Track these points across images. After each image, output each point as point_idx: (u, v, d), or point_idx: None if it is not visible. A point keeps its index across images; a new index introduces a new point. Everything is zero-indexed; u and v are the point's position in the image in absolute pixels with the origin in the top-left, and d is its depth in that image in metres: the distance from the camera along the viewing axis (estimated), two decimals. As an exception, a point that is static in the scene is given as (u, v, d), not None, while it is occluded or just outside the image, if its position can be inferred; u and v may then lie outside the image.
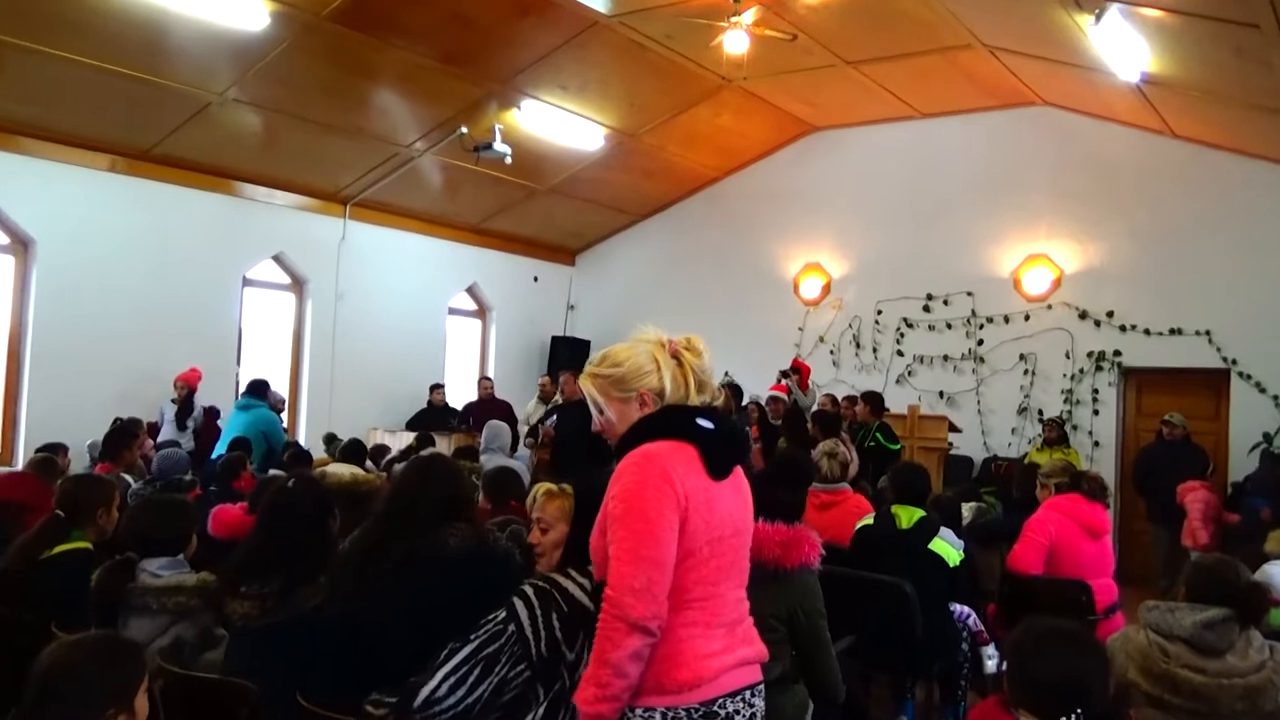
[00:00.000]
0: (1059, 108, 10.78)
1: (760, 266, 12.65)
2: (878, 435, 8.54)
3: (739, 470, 2.49)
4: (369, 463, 8.00)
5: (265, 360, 11.00)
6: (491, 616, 2.64)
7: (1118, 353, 10.48)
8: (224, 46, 8.33)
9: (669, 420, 2.45)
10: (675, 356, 2.57)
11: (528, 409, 10.85)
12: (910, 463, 5.64)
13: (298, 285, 11.23)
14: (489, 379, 12.06)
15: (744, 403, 9.70)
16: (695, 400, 2.53)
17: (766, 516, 3.70)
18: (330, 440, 9.37)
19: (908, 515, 4.97)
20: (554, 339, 13.62)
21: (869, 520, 5.13)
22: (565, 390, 9.44)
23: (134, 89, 8.51)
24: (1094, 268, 10.67)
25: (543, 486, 3.36)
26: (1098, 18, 7.12)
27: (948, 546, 4.90)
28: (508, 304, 13.37)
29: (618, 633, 2.21)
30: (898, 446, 8.59)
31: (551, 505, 3.22)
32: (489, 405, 11.32)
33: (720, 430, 2.44)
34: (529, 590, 2.69)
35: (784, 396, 9.74)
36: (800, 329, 12.33)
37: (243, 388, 9.38)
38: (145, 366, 9.44)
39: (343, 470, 5.98)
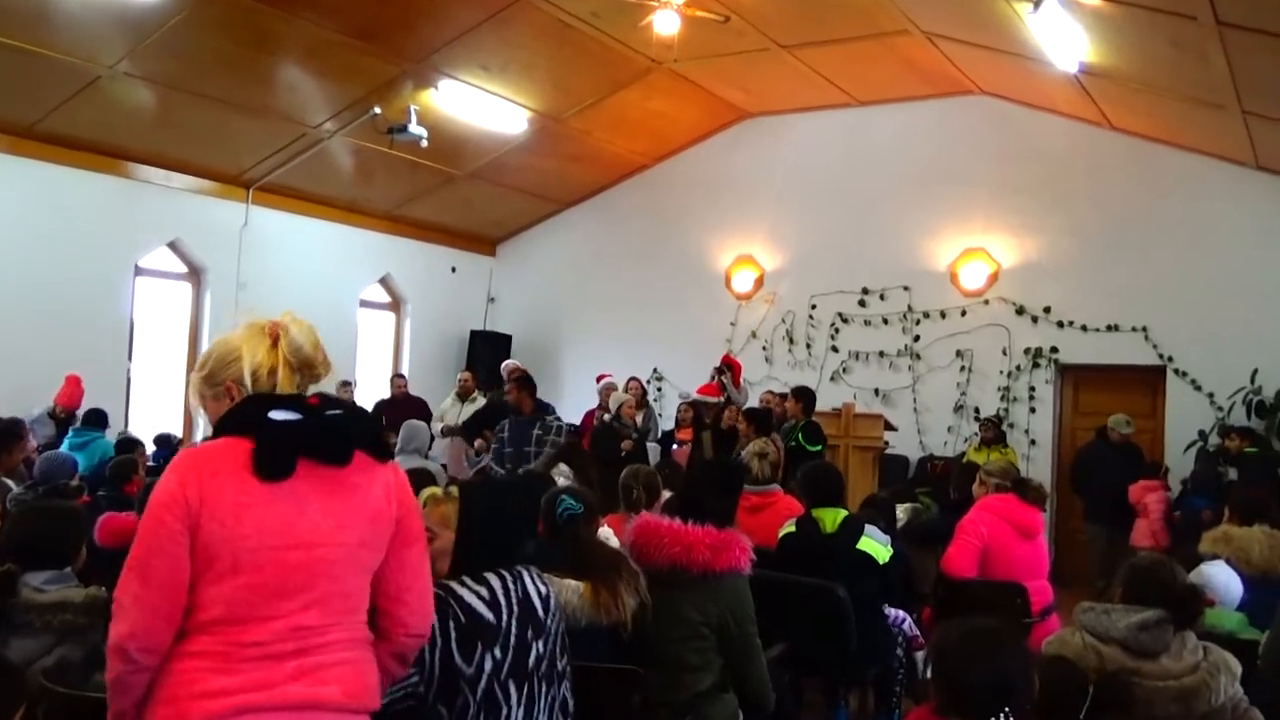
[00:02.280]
0: (997, 97, 11.00)
1: (691, 259, 12.71)
2: (798, 435, 8.61)
3: (346, 472, 2.20)
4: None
5: (159, 355, 10.74)
6: None
7: (1055, 349, 10.73)
8: (115, 16, 8.10)
9: (237, 413, 2.21)
10: (274, 338, 2.33)
11: (443, 405, 10.77)
12: (818, 463, 5.67)
13: (195, 274, 10.99)
14: (403, 376, 11.94)
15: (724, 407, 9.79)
16: (291, 387, 2.28)
17: (695, 519, 3.73)
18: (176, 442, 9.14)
19: (830, 518, 5.02)
20: (473, 333, 13.54)
21: (790, 528, 5.16)
22: (630, 411, 9.60)
23: (15, 60, 8.23)
24: (1032, 262, 10.91)
25: (428, 491, 3.35)
26: (1036, 5, 7.25)
27: (875, 544, 4.94)
28: (424, 296, 13.26)
29: (109, 654, 2.04)
30: (818, 448, 8.63)
31: (435, 511, 3.19)
32: (403, 404, 11.20)
33: (303, 423, 2.17)
34: None
35: (711, 400, 9.78)
36: (732, 324, 12.41)
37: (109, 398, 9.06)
38: (27, 362, 9.14)
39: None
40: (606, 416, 9.65)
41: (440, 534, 3.10)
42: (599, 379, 10.64)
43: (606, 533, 4.38)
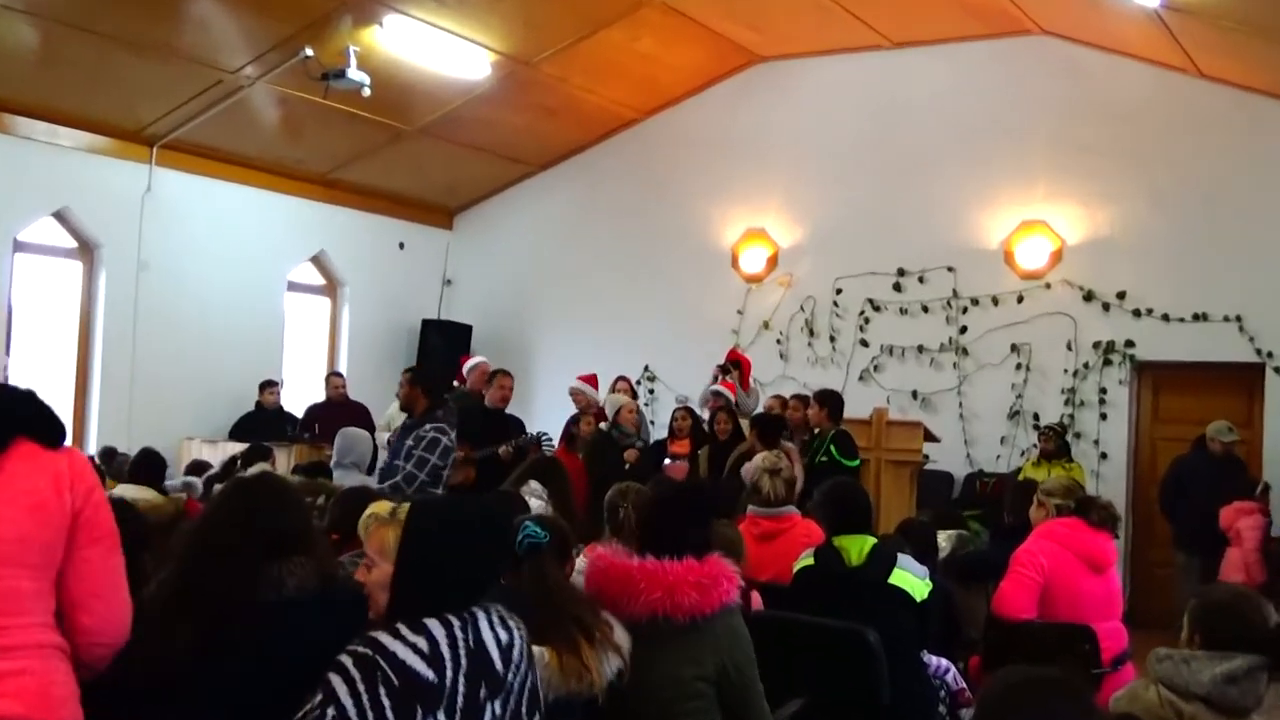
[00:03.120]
0: (1062, 38, 11.03)
1: (690, 234, 12.74)
2: (831, 448, 8.64)
3: (2, 460, 2.33)
4: (182, 480, 7.85)
5: (43, 346, 10.73)
6: (308, 704, 2.63)
7: (1130, 343, 10.78)
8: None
9: None
10: None
11: (389, 412, 10.72)
12: (840, 480, 5.66)
13: (87, 251, 10.97)
14: (340, 375, 11.94)
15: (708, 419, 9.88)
16: None
17: (670, 552, 3.73)
18: (109, 456, 9.10)
19: (856, 547, 5.00)
20: (425, 323, 13.55)
21: (808, 560, 5.15)
22: (631, 417, 9.67)
23: None
24: (1102, 238, 10.96)
25: (375, 508, 3.34)
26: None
27: (910, 577, 4.90)
28: (365, 278, 13.28)
29: None
30: (855, 464, 8.67)
31: (375, 536, 3.17)
32: (340, 408, 11.20)
33: None
34: (348, 662, 2.66)
35: (729, 394, 9.85)
36: (740, 312, 12.44)
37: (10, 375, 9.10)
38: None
39: (124, 495, 5.85)
40: (604, 425, 9.70)
41: (378, 564, 3.10)
42: (576, 392, 10.53)
43: (581, 565, 4.38)
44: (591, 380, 10.52)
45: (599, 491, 6.67)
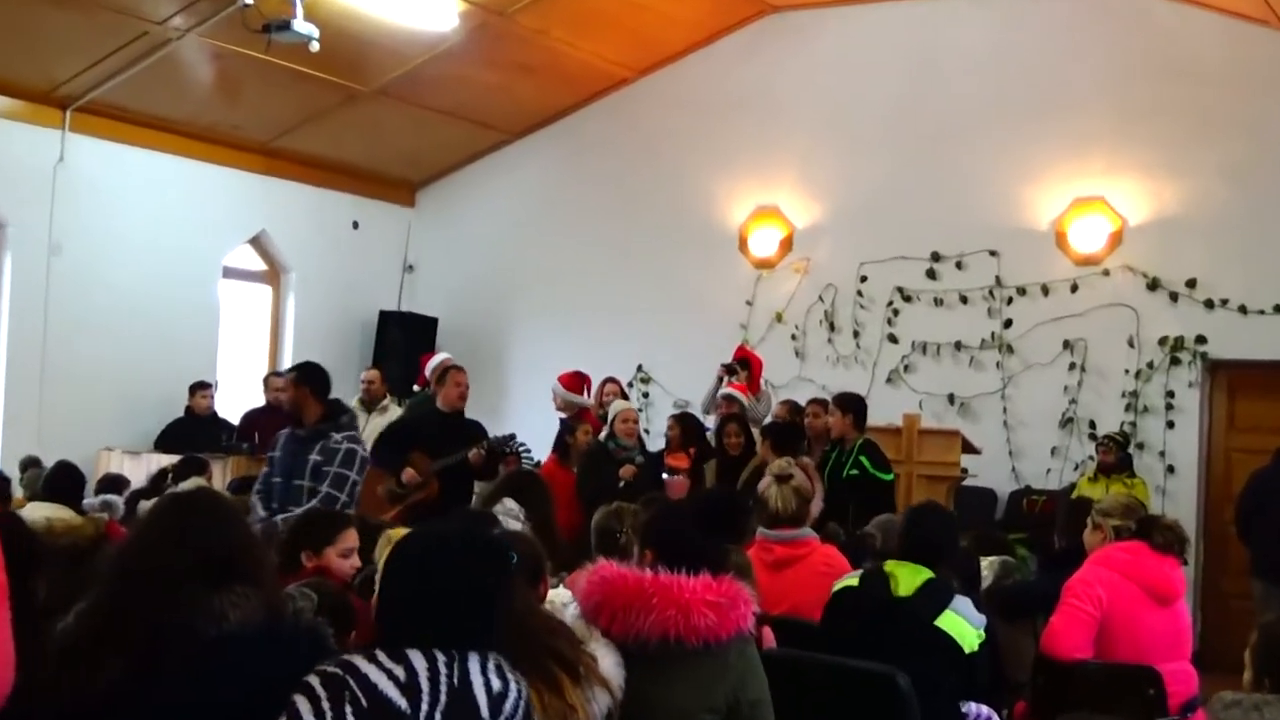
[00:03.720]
0: (1122, -17, 11.11)
1: (691, 212, 12.76)
2: (862, 459, 8.64)
3: None
4: (101, 499, 7.82)
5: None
6: None
7: (1201, 339, 10.81)
8: None
9: None
10: None
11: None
12: (933, 504, 5.69)
13: (-11, 231, 10.99)
14: (283, 375, 11.86)
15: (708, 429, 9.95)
16: None
17: (686, 566, 3.77)
18: (29, 466, 9.10)
19: (909, 576, 5.01)
20: (384, 315, 13.57)
21: (852, 581, 5.18)
22: (626, 426, 9.66)
23: None
24: (1170, 217, 10.99)
25: (392, 534, 3.35)
26: None
27: (963, 624, 4.89)
28: (313, 263, 13.29)
29: None
30: (890, 477, 8.69)
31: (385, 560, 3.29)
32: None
33: None
34: (315, 681, 2.81)
35: (742, 397, 9.86)
36: (749, 303, 12.49)
37: None
38: None
39: (39, 514, 5.86)
40: (602, 436, 9.70)
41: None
42: (571, 386, 10.56)
43: (563, 597, 4.40)
44: (575, 380, 10.50)
45: (590, 514, 6.71)
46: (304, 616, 3.27)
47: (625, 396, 10.91)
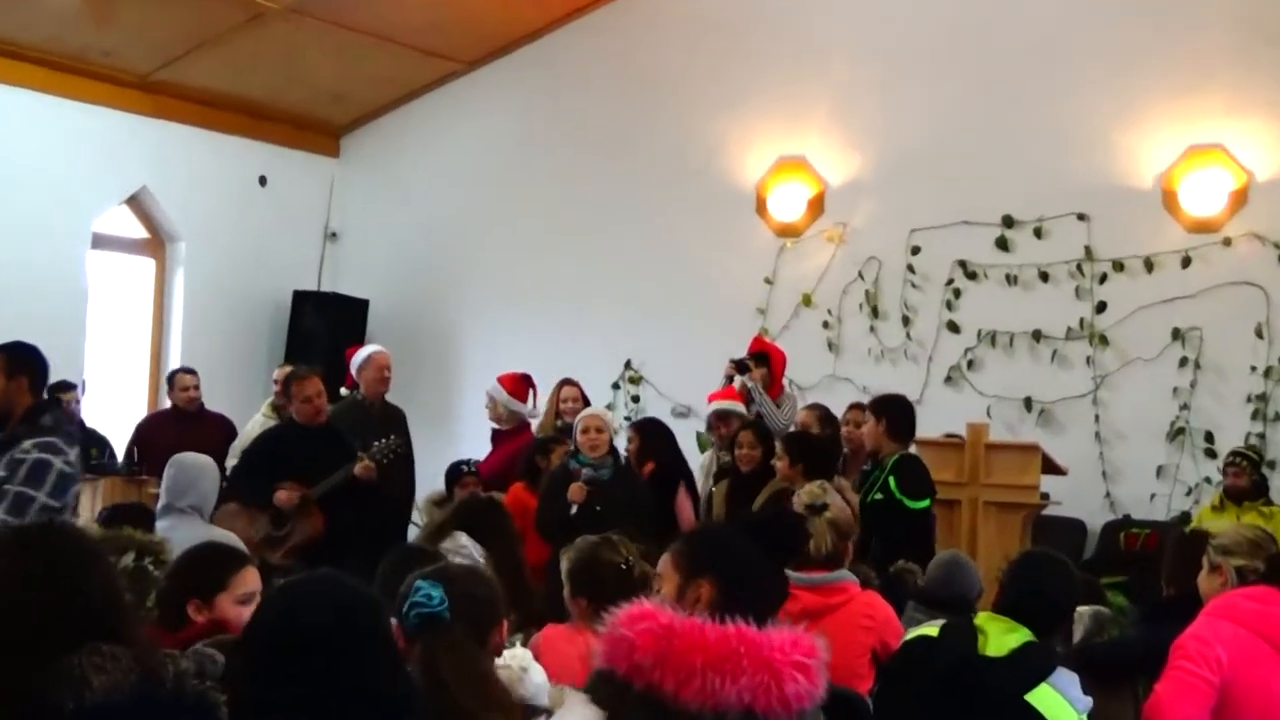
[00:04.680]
0: None
1: (696, 164, 12.75)
2: (890, 481, 8.57)
3: None
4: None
5: None
6: None
7: (1351, 327, 10.86)
8: None
9: None
10: None
11: (248, 428, 10.71)
12: (1051, 555, 5.61)
13: None
14: (192, 373, 11.72)
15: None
16: None
17: (750, 612, 3.66)
18: None
19: (1002, 634, 4.99)
20: (300, 297, 13.60)
21: (929, 630, 5.17)
22: (587, 438, 9.52)
23: None
24: (1308, 171, 11.01)
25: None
26: None
27: (1061, 704, 4.87)
28: (209, 229, 13.27)
29: None
30: (922, 504, 8.58)
31: None
32: (193, 423, 11.09)
33: None
34: None
35: (738, 409, 9.81)
36: (768, 281, 12.47)
37: None
38: None
39: None
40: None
41: None
42: (516, 392, 10.51)
43: (522, 658, 4.38)
44: (521, 384, 10.51)
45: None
46: (188, 681, 3.23)
47: (588, 402, 10.79)
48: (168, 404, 11.91)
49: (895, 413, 8.88)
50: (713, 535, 4.11)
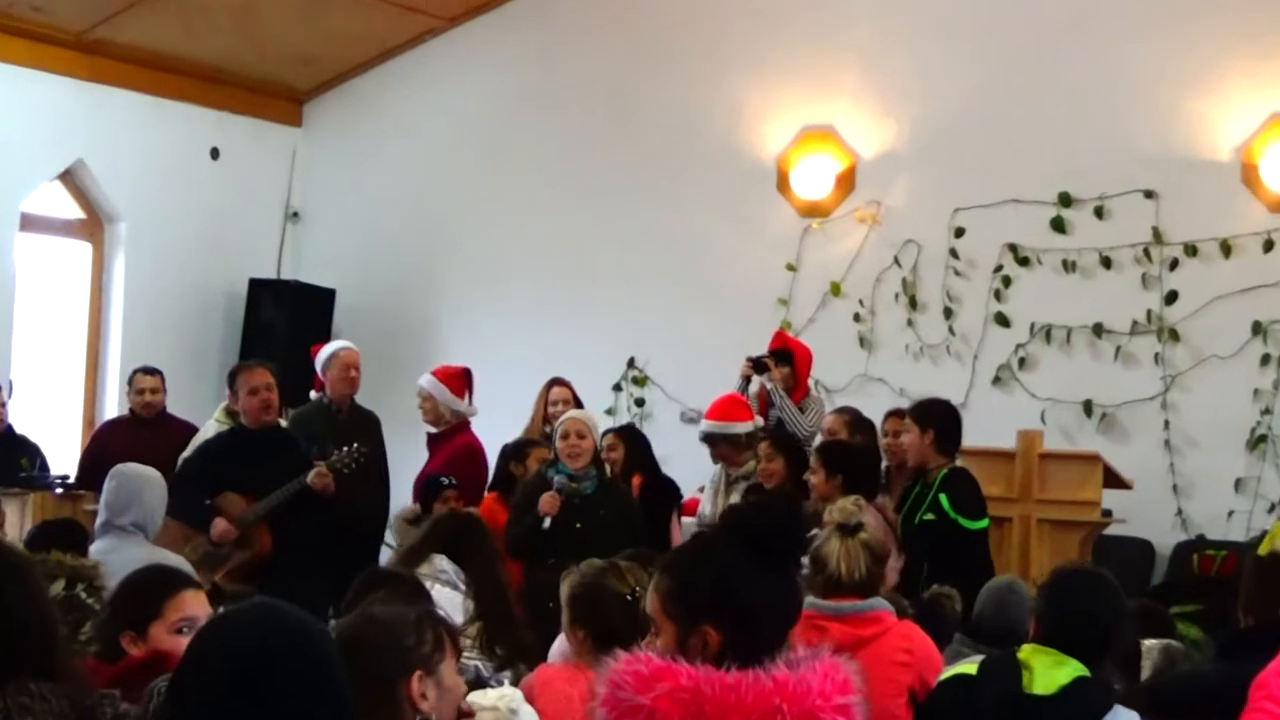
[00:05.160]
0: None
1: (708, 134, 12.74)
2: (941, 498, 8.55)
3: None
4: None
5: None
6: None
7: None
8: None
9: None
10: None
11: (201, 434, 10.67)
12: (1091, 571, 5.56)
13: None
14: (155, 373, 11.66)
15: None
16: None
17: (748, 643, 3.59)
18: None
19: (1049, 669, 4.97)
20: (257, 286, 13.59)
21: (968, 668, 5.16)
22: (567, 444, 9.46)
23: None
24: None
25: None
26: None
27: None
28: (153, 209, 13.24)
29: None
30: (979, 525, 8.58)
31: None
32: (152, 430, 11.10)
33: None
34: None
35: (732, 430, 9.72)
36: (791, 267, 12.44)
37: None
38: None
39: None
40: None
41: None
42: (455, 387, 10.47)
43: (511, 698, 4.36)
44: (457, 378, 10.46)
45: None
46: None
47: (579, 404, 10.73)
48: (117, 409, 11.88)
49: (943, 421, 8.83)
50: (703, 566, 3.98)
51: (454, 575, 6.17)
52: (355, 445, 9.30)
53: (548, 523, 8.63)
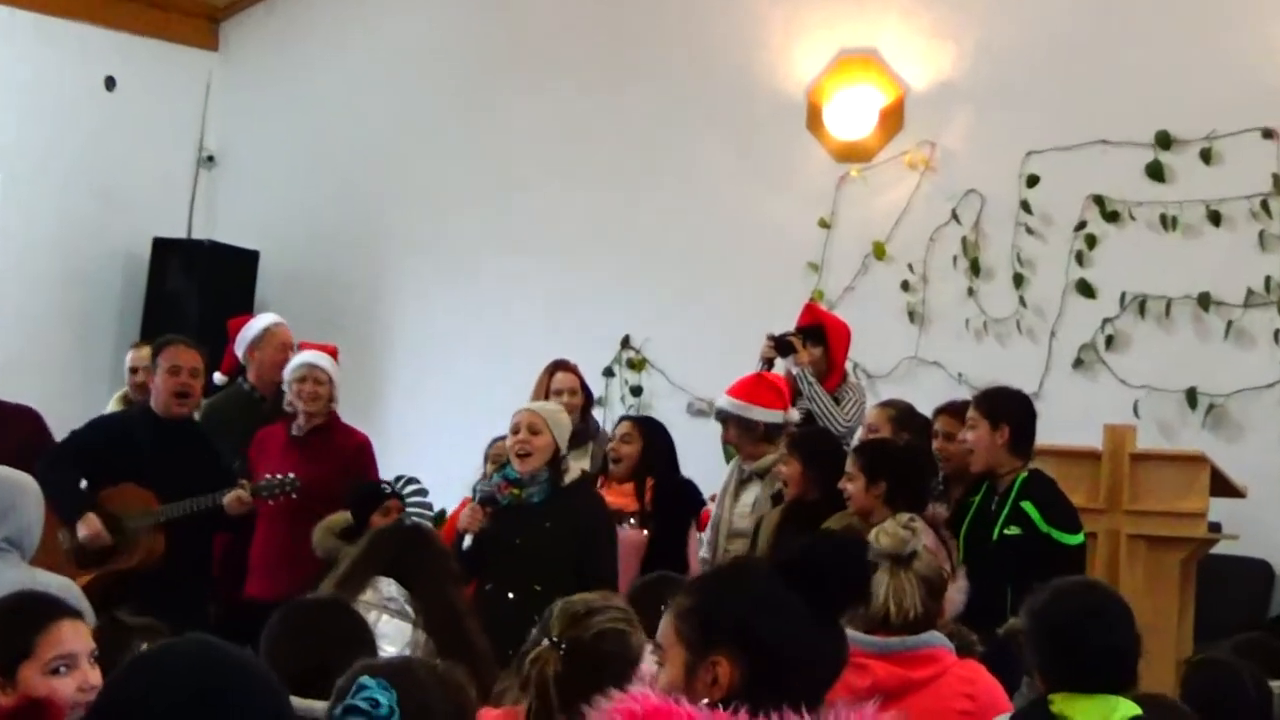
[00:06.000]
0: None
1: (723, 61, 12.75)
2: (1025, 508, 8.53)
3: None
4: None
5: None
6: None
7: None
8: None
9: None
10: None
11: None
12: (1070, 585, 5.52)
13: None
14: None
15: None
16: None
17: (769, 686, 3.56)
18: None
19: (1093, 714, 5.02)
20: (161, 245, 13.64)
21: None
22: (516, 440, 9.41)
23: None
24: None
25: None
26: None
27: None
28: (32, 152, 13.32)
29: None
30: (1076, 540, 8.57)
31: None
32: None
33: None
34: None
35: (751, 414, 9.70)
36: (824, 224, 12.41)
37: None
38: None
39: None
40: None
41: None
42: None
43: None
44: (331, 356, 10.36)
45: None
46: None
47: (585, 391, 10.71)
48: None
49: (1019, 416, 8.75)
50: (731, 591, 3.95)
51: (404, 603, 6.13)
52: (291, 476, 9.31)
53: (468, 541, 8.59)
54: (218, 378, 10.60)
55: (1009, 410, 8.68)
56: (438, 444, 10.66)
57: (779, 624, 3.63)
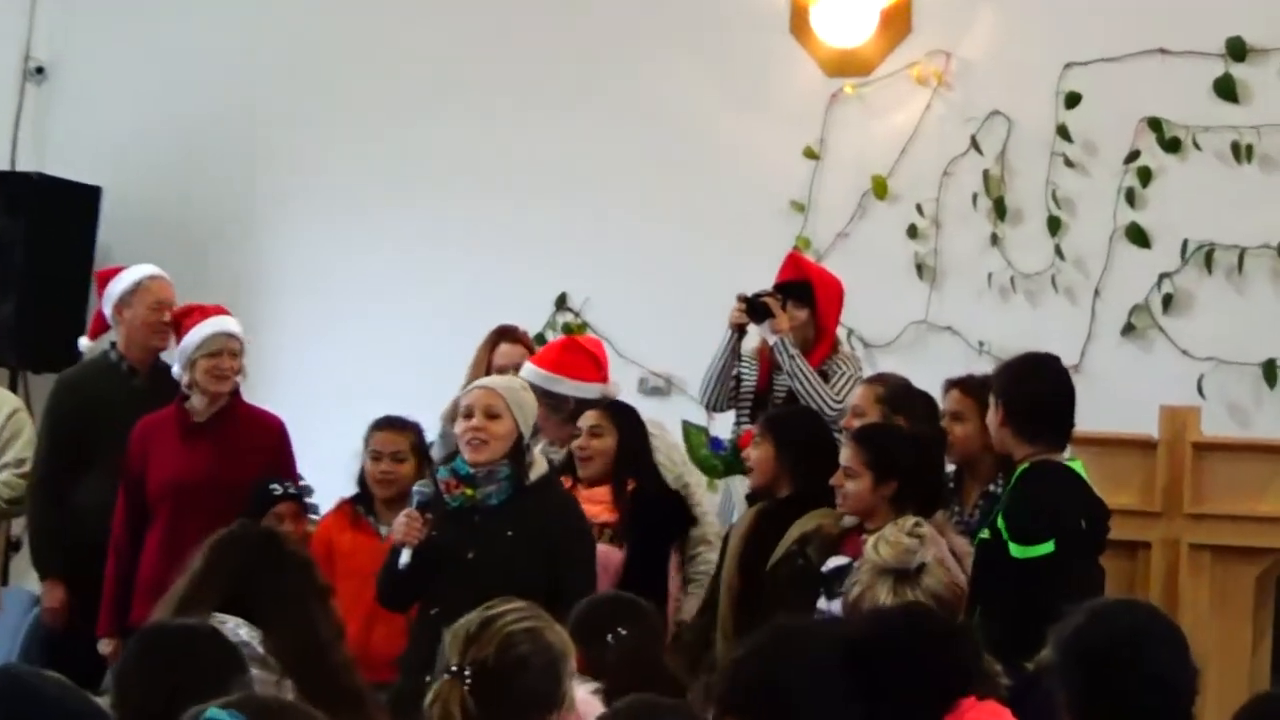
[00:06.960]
0: None
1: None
2: (998, 517, 8.53)
3: None
4: None
5: None
6: None
7: None
8: None
9: None
10: None
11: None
12: (1107, 607, 5.57)
13: None
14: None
15: None
16: None
17: None
18: None
19: None
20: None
21: None
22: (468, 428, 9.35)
23: None
24: None
25: None
26: None
27: None
28: None
29: None
30: (1038, 551, 8.22)
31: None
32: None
33: None
34: None
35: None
36: (812, 154, 12.42)
37: None
38: None
39: None
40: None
41: None
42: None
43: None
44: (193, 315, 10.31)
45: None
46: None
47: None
48: None
49: (1030, 385, 8.66)
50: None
51: (254, 643, 6.09)
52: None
53: (406, 556, 8.44)
54: (84, 344, 10.57)
55: (1008, 382, 8.56)
56: (332, 420, 10.62)
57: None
